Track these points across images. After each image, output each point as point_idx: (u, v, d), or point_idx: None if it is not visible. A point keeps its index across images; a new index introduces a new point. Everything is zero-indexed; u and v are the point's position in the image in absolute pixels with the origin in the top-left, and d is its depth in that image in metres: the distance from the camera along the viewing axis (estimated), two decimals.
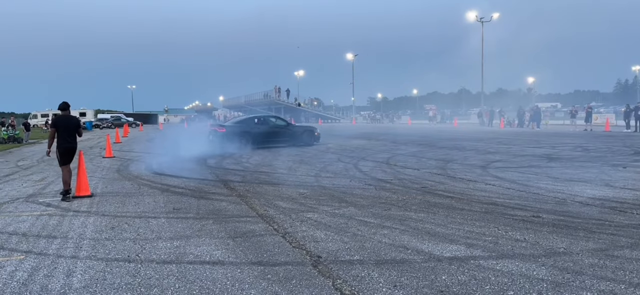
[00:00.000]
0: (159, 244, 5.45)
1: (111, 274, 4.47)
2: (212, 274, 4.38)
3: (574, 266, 4.39)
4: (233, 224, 6.33)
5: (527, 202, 7.49)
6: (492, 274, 4.24)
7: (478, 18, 48.61)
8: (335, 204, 7.55)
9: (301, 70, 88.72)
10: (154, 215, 7.02)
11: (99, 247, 5.39)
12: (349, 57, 76.98)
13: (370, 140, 24.34)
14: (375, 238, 5.48)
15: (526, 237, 5.41)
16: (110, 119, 66.46)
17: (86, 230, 6.19)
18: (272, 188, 9.34)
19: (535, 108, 39.84)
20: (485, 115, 45.69)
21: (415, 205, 7.33)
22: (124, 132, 35.35)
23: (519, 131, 32.79)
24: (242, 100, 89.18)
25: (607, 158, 13.88)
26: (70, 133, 8.72)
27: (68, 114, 8.84)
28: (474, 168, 11.98)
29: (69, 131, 8.70)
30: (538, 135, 27.14)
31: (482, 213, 6.70)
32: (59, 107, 8.81)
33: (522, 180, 9.72)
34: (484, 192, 8.43)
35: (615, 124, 38.25)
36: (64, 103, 8.81)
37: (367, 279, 4.18)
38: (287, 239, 5.52)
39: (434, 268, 4.41)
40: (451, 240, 5.30)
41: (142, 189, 9.58)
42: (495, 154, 15.52)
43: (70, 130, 8.72)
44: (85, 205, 7.93)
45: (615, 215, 6.47)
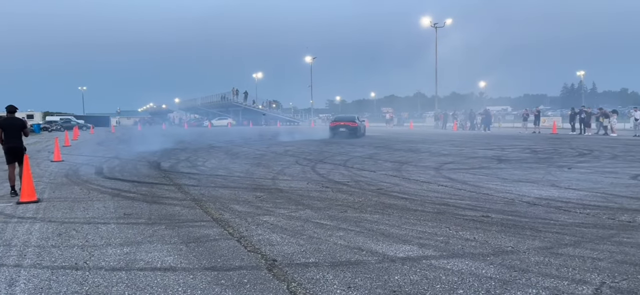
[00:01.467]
0: (109, 250, 5.28)
1: (57, 282, 4.29)
2: (163, 281, 4.29)
3: (520, 264, 4.55)
4: (186, 229, 6.22)
5: (478, 202, 7.72)
6: (442, 273, 4.34)
7: (432, 24, 49.74)
8: (292, 207, 7.54)
9: (259, 73, 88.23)
10: (104, 220, 6.81)
11: (44, 254, 5.17)
12: (308, 60, 77.13)
13: (328, 143, 24.47)
14: (330, 240, 5.51)
15: (476, 236, 5.57)
16: (59, 121, 64.00)
17: (31, 237, 5.92)
18: (228, 191, 9.24)
19: (486, 111, 41.14)
20: (439, 118, 46.82)
21: (370, 207, 7.42)
22: (74, 135, 34.10)
23: (471, 133, 33.78)
24: (199, 102, 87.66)
25: (553, 159, 14.49)
26: (15, 133, 9.26)
27: (13, 116, 9.40)
28: (428, 170, 12.25)
29: (14, 132, 9.25)
30: (489, 137, 28.04)
31: (435, 214, 6.85)
32: (6, 110, 9.38)
33: (473, 181, 10.01)
34: (437, 193, 8.63)
35: (562, 126, 39.98)
36: (10, 106, 9.40)
37: (322, 281, 4.20)
38: (242, 243, 5.47)
39: (388, 268, 4.47)
40: (404, 241, 5.40)
41: (92, 193, 9.27)
42: (448, 156, 15.92)
43: (15, 131, 9.26)
44: (31, 211, 7.59)
45: (560, 214, 6.76)
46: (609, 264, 4.52)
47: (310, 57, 76.89)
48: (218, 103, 77.32)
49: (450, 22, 50.29)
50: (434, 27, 49.50)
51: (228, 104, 74.22)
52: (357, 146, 21.40)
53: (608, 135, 27.53)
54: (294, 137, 30.42)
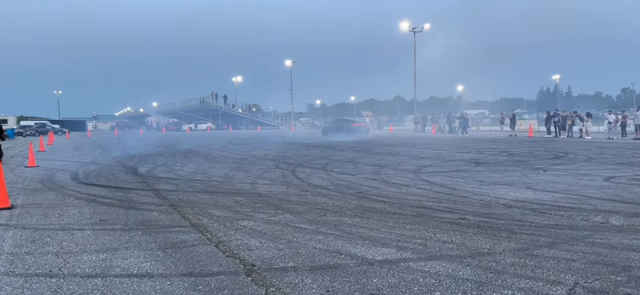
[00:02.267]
0: (84, 257, 5.19)
1: (31, 290, 4.20)
2: (139, 287, 4.23)
3: (496, 266, 4.62)
4: (164, 235, 6.15)
5: (455, 205, 7.81)
6: (420, 275, 4.38)
7: (411, 28, 50.24)
8: (271, 211, 7.52)
9: (239, 76, 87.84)
10: (79, 227, 6.69)
11: (17, 262, 5.05)
12: (288, 64, 77.14)
13: (308, 146, 24.48)
14: (309, 244, 5.51)
15: (453, 238, 5.63)
16: (34, 126, 62.74)
17: (4, 244, 5.78)
18: (206, 196, 9.17)
19: (463, 115, 41.69)
20: (418, 121, 47.26)
21: (350, 210, 7.45)
22: (49, 140, 33.46)
23: (449, 137, 34.17)
24: (177, 106, 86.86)
25: (529, 162, 14.75)
26: None
27: None
28: (407, 173, 12.35)
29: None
30: (466, 140, 28.41)
31: (413, 216, 6.91)
32: None
33: (450, 184, 10.13)
34: (415, 196, 8.71)
35: (537, 129, 40.73)
36: None
37: (301, 285, 4.20)
38: (220, 249, 5.43)
39: (366, 272, 4.49)
40: (383, 244, 5.43)
41: (67, 199, 9.10)
42: (426, 159, 16.08)
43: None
44: (4, 218, 7.41)
45: (536, 216, 6.88)
46: (582, 264, 4.62)
47: (291, 61, 76.91)
48: (197, 107, 76.75)
49: (428, 26, 50.97)
50: (413, 31, 50.04)
51: (207, 107, 73.74)
52: (337, 150, 21.45)
53: (583, 138, 28.14)
54: (274, 141, 30.36)
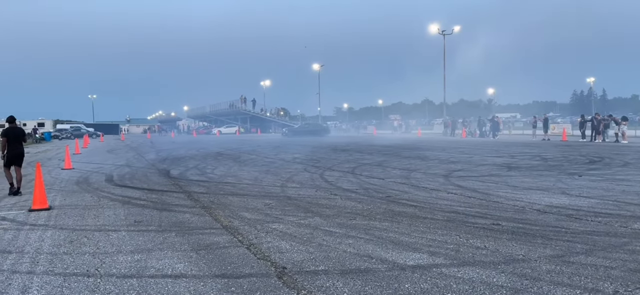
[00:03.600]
0: (120, 257, 5.32)
1: (69, 289, 4.32)
2: (174, 288, 4.30)
3: (532, 272, 4.52)
4: (196, 236, 6.24)
5: (488, 210, 7.68)
6: (453, 281, 4.32)
7: (440, 31, 49.71)
8: (300, 215, 7.54)
9: (267, 80, 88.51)
10: (115, 228, 6.85)
11: (56, 261, 5.21)
12: (316, 68, 77.33)
13: (336, 150, 24.48)
14: (340, 248, 5.50)
15: (486, 244, 5.54)
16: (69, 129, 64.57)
17: (43, 244, 5.98)
18: (237, 199, 9.26)
19: (494, 118, 40.96)
20: (448, 125, 46.67)
21: (379, 215, 7.41)
22: (84, 143, 34.39)
23: (479, 141, 33.64)
24: (207, 109, 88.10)
25: (563, 167, 14.39)
26: (18, 141, 10.53)
27: (15, 126, 10.73)
28: (437, 177, 12.21)
29: (17, 139, 10.52)
30: (498, 144, 27.91)
31: (444, 221, 6.83)
32: (7, 120, 10.70)
33: (482, 189, 9.97)
34: (446, 201, 8.60)
35: (571, 133, 39.72)
36: (11, 117, 10.80)
37: (332, 289, 4.19)
38: (251, 251, 5.48)
39: (398, 277, 4.46)
40: (414, 249, 5.38)
41: (102, 201, 9.33)
42: (457, 163, 15.87)
43: (18, 139, 10.54)
44: (43, 218, 7.66)
45: (572, 222, 6.70)
46: (622, 272, 4.48)
47: (318, 65, 77.08)
48: (226, 111, 77.62)
49: (458, 29, 50.26)
50: (442, 34, 49.47)
51: (236, 111, 74.50)
52: (366, 153, 21.38)
53: (619, 142, 27.31)
54: (302, 145, 30.46)
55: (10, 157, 10.29)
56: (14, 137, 10.41)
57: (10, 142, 10.32)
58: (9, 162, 10.34)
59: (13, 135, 10.43)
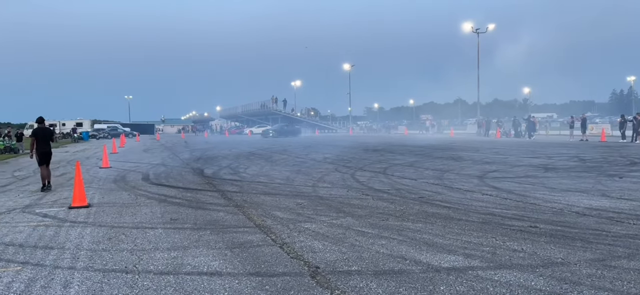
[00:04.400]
0: (157, 254, 5.43)
1: (109, 285, 4.44)
2: (209, 285, 4.37)
3: (571, 276, 4.40)
4: (230, 235, 6.32)
5: (524, 212, 7.51)
6: (490, 284, 4.24)
7: (474, 29, 48.91)
8: (332, 214, 7.54)
9: (298, 81, 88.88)
10: (151, 225, 7.00)
11: (96, 258, 5.36)
12: (346, 68, 77.24)
13: (367, 150, 24.38)
14: (373, 248, 5.48)
15: (524, 247, 5.42)
16: (106, 129, 66.35)
17: (83, 241, 6.16)
18: (269, 198, 9.33)
19: (530, 118, 40.01)
20: (482, 125, 45.85)
21: (412, 216, 7.34)
22: (121, 142, 35.28)
23: (514, 141, 32.92)
24: (239, 110, 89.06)
25: (603, 168, 13.94)
26: (46, 140, 11.10)
27: (44, 126, 11.37)
28: (471, 178, 12.01)
29: (46, 139, 11.10)
30: (534, 145, 27.26)
31: (480, 223, 6.71)
32: (36, 121, 11.43)
33: (519, 191, 9.75)
34: (481, 203, 8.45)
35: (610, 134, 38.44)
36: (40, 118, 11.47)
37: (366, 289, 4.18)
38: (284, 250, 5.51)
39: (433, 279, 4.41)
40: (449, 251, 5.31)
41: (139, 199, 9.55)
42: (491, 164, 15.57)
43: (46, 138, 11.12)
44: (82, 215, 7.90)
45: (612, 225, 6.49)
46: None
47: (349, 65, 76.96)
48: (258, 111, 78.30)
49: (492, 27, 49.35)
50: (476, 32, 48.68)
51: (268, 111, 75.03)
52: (397, 154, 21.22)
53: None
54: (332, 145, 30.46)
55: (39, 155, 10.92)
56: (42, 137, 10.99)
57: (39, 141, 10.91)
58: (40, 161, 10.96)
59: (42, 135, 11.00)
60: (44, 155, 11.00)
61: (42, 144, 11.00)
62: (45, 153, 11.03)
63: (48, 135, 11.26)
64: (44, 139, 11.08)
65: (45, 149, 11.03)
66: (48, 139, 11.20)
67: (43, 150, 10.98)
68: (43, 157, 11.00)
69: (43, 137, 11.06)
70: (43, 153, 10.98)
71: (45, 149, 11.03)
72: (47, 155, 11.06)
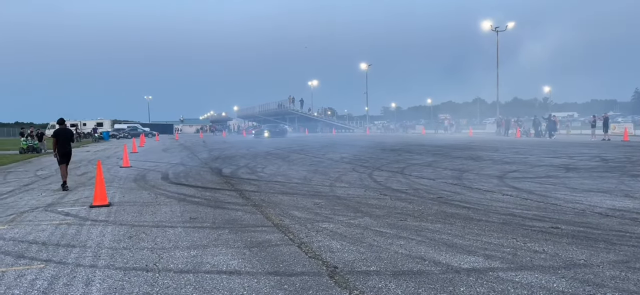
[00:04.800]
0: (176, 253, 5.49)
1: (130, 283, 4.50)
2: (229, 284, 4.40)
3: (594, 278, 4.32)
4: (249, 234, 6.35)
5: (546, 213, 7.40)
6: (511, 285, 4.18)
7: (493, 28, 48.37)
8: (350, 214, 7.53)
9: (315, 80, 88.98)
10: (171, 224, 7.07)
11: (117, 256, 5.43)
12: (363, 67, 77.05)
13: (384, 150, 24.28)
14: (391, 249, 5.45)
15: (545, 248, 5.34)
16: (127, 129, 67.23)
17: (104, 239, 6.25)
18: (287, 198, 9.35)
19: (551, 117, 39.39)
20: (501, 124, 45.31)
21: (431, 216, 7.28)
22: (141, 142, 35.71)
23: (535, 141, 32.47)
24: (257, 110, 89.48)
25: (626, 168, 13.66)
26: (66, 141, 11.56)
27: (64, 127, 11.78)
28: (491, 178, 11.88)
29: (66, 139, 11.57)
30: (554, 144, 26.84)
31: (500, 224, 6.63)
32: (57, 122, 11.82)
33: (539, 191, 9.61)
34: (501, 203, 8.35)
35: (633, 133, 37.67)
36: (61, 119, 11.85)
37: (384, 290, 4.16)
38: (303, 249, 5.51)
39: (452, 280, 4.37)
40: (469, 252, 5.25)
41: (159, 198, 9.66)
42: (511, 164, 15.38)
43: (66, 139, 11.58)
44: (103, 214, 8.01)
45: (637, 226, 6.36)
46: None
47: (366, 65, 76.75)
48: (275, 111, 78.57)
49: (512, 25, 48.75)
50: (495, 30, 48.13)
51: (284, 111, 75.25)
52: (415, 153, 21.10)
53: None
54: (349, 144, 30.41)
55: (59, 155, 11.37)
56: (63, 138, 11.48)
57: (60, 142, 11.39)
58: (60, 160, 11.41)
59: (63, 136, 11.49)
60: (64, 155, 11.48)
61: (63, 145, 11.48)
62: (66, 153, 11.51)
63: (68, 135, 11.74)
64: (65, 140, 11.56)
65: (66, 149, 11.51)
66: (68, 140, 11.69)
67: (63, 150, 11.47)
68: (63, 156, 11.47)
69: (64, 138, 11.55)
70: (63, 153, 11.46)
71: (66, 149, 11.51)
72: (65, 155, 11.52)
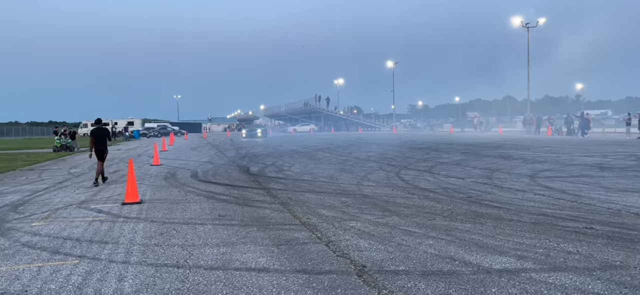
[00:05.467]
0: (206, 250, 5.55)
1: (161, 279, 4.57)
2: (258, 281, 4.43)
3: (631, 280, 4.18)
4: (276, 232, 6.38)
5: (579, 213, 7.21)
6: (544, 287, 4.09)
7: (523, 24, 47.39)
8: (378, 213, 7.49)
9: (341, 79, 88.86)
10: (201, 221, 7.17)
11: (148, 252, 5.53)
12: (390, 65, 76.56)
13: (411, 148, 24.08)
14: (420, 248, 5.40)
15: (579, 249, 5.20)
16: (156, 128, 68.43)
17: (136, 236, 6.37)
18: (313, 196, 9.36)
19: (584, 115, 38.37)
20: (532, 122, 44.37)
21: (461, 215, 7.18)
22: (170, 141, 36.30)
23: (566, 139, 31.69)
24: (283, 109, 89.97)
25: None
26: (102, 139, 12.28)
27: (101, 126, 12.49)
28: (522, 177, 11.65)
29: (102, 138, 12.28)
30: (587, 143, 26.14)
31: (532, 224, 6.49)
32: (95, 121, 12.57)
33: (573, 190, 9.38)
34: (533, 203, 8.17)
35: None
36: (98, 119, 12.56)
37: (414, 290, 4.12)
38: (330, 248, 5.51)
39: (483, 280, 4.30)
40: (500, 252, 5.16)
41: (189, 196, 9.80)
42: (543, 163, 15.04)
43: (102, 138, 12.30)
44: (135, 211, 8.17)
45: None
46: None
47: (392, 62, 76.24)
48: (301, 109, 78.81)
49: (543, 21, 47.67)
50: (526, 27, 47.14)
51: (311, 110, 75.39)
52: (443, 152, 20.85)
53: None
54: (376, 143, 30.26)
55: (95, 153, 12.15)
56: (99, 137, 12.21)
57: (97, 140, 12.17)
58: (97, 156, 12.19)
59: (99, 135, 12.24)
60: (99, 152, 12.17)
61: (99, 143, 12.18)
62: (101, 151, 12.19)
63: (104, 134, 12.38)
64: (101, 138, 12.23)
65: (101, 147, 12.21)
66: (104, 138, 12.33)
67: (99, 148, 12.18)
68: (98, 154, 12.16)
69: (100, 137, 12.23)
70: (98, 151, 12.17)
71: (101, 147, 12.21)
72: (100, 153, 12.17)
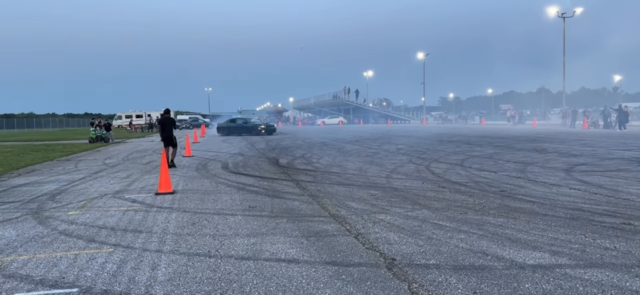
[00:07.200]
0: (237, 240, 5.62)
1: (193, 268, 4.65)
2: (288, 272, 4.46)
3: None
4: (306, 223, 6.40)
5: (617, 208, 6.99)
6: (580, 283, 3.98)
7: (559, 14, 46.08)
8: (407, 206, 7.43)
9: (370, 71, 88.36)
10: (231, 212, 7.26)
11: (181, 241, 5.64)
12: (420, 57, 75.65)
13: (442, 141, 23.79)
14: (451, 242, 5.33)
15: (616, 245, 5.04)
16: (188, 120, 69.50)
17: (169, 225, 6.50)
18: (343, 188, 9.36)
19: (622, 108, 37.11)
20: (567, 115, 43.21)
21: (493, 210, 7.06)
22: (202, 133, 36.84)
23: (603, 133, 30.73)
24: (312, 101, 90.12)
25: None
26: (168, 127, 14.06)
27: (168, 116, 14.45)
28: (557, 171, 11.36)
29: (167, 126, 14.08)
30: (625, 136, 25.29)
31: (567, 219, 6.33)
32: (164, 112, 14.65)
33: (610, 185, 9.09)
34: (569, 197, 7.97)
35: None
36: (166, 109, 14.80)
37: (445, 284, 4.07)
38: (360, 240, 5.50)
39: (516, 275, 4.21)
40: (534, 247, 5.05)
41: (220, 186, 9.93)
42: (579, 157, 14.64)
43: (168, 126, 14.09)
44: (168, 201, 8.33)
45: None
46: None
47: (423, 54, 75.33)
48: (330, 102, 78.75)
49: (580, 11, 46.24)
50: (562, 17, 45.84)
51: (340, 102, 75.26)
52: (475, 145, 20.52)
53: None
54: (406, 135, 30.01)
55: (162, 139, 14.01)
56: (165, 125, 14.06)
57: (163, 128, 14.01)
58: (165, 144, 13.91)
59: (165, 123, 14.11)
60: (166, 139, 13.87)
61: (165, 130, 13.95)
62: (168, 138, 13.86)
63: (169, 123, 14.22)
64: (167, 126, 14.01)
65: (167, 134, 13.89)
66: (170, 126, 14.10)
67: (165, 135, 13.91)
68: (166, 141, 13.86)
69: (166, 125, 14.04)
70: (165, 138, 13.89)
71: (167, 134, 13.89)
72: (169, 139, 13.84)
